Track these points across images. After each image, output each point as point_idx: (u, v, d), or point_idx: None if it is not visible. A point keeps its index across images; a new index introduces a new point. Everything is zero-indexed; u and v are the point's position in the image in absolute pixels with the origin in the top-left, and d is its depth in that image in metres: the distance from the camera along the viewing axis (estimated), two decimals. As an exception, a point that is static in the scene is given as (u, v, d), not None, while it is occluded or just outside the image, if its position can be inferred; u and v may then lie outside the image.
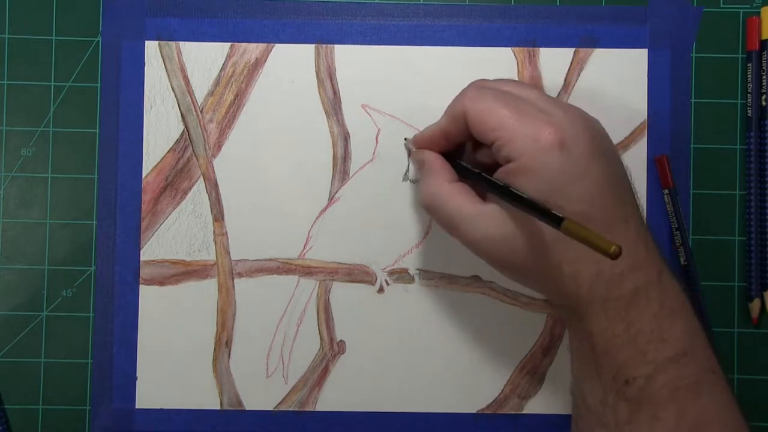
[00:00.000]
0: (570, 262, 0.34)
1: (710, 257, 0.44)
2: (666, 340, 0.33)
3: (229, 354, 0.43)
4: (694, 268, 0.43)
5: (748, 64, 0.44)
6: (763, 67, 0.43)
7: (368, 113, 0.44)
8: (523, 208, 0.33)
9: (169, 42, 0.44)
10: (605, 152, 0.35)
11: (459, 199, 0.36)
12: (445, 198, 0.37)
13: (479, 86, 0.38)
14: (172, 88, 0.44)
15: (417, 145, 0.41)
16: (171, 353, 0.43)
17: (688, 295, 0.35)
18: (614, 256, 0.28)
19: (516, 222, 0.34)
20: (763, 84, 0.43)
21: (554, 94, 0.44)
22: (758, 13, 0.44)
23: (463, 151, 0.40)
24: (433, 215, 0.38)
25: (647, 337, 0.33)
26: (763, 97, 0.43)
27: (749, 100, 0.44)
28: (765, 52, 0.43)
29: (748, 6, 0.44)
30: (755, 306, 0.43)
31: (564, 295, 0.35)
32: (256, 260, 0.44)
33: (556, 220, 0.30)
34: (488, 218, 0.35)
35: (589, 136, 0.34)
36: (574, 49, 0.44)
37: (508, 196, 0.34)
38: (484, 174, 0.36)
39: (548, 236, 0.33)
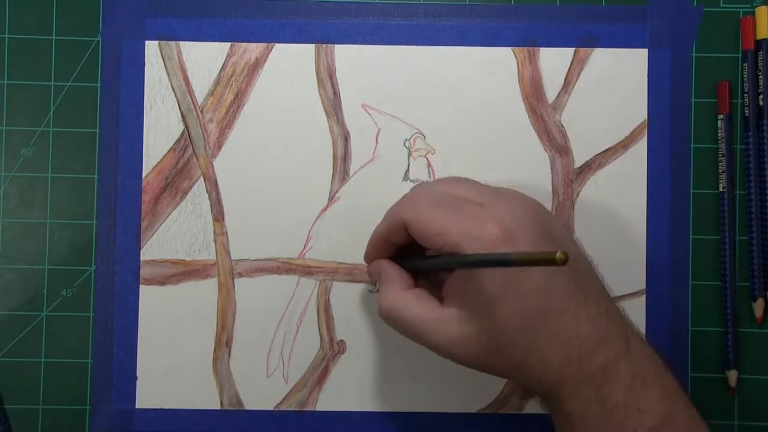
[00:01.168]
0: (537, 350, 0.33)
1: (711, 257, 0.44)
2: (643, 410, 0.32)
3: (230, 354, 0.43)
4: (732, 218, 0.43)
5: (744, 64, 0.44)
6: (760, 67, 0.43)
7: (368, 113, 0.44)
8: (473, 266, 0.34)
9: (169, 42, 0.44)
10: (554, 233, 0.35)
11: (416, 307, 0.36)
12: (401, 308, 0.36)
13: (415, 193, 0.37)
14: (172, 87, 0.44)
15: (368, 259, 0.41)
16: (171, 353, 0.43)
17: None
18: (563, 262, 0.27)
19: (477, 321, 0.34)
20: (760, 84, 0.43)
21: (554, 94, 0.44)
22: (754, 13, 0.44)
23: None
24: (392, 326, 0.37)
25: (624, 411, 0.32)
26: (761, 96, 0.43)
27: (746, 99, 0.44)
28: (761, 52, 0.44)
29: (749, 6, 0.44)
30: (759, 306, 0.43)
31: (536, 382, 0.34)
32: (256, 260, 0.43)
33: (503, 261, 0.30)
34: (448, 322, 0.35)
35: (534, 222, 0.34)
36: (574, 48, 0.44)
37: (455, 264, 0.35)
38: (428, 259, 0.37)
39: (511, 328, 0.33)
